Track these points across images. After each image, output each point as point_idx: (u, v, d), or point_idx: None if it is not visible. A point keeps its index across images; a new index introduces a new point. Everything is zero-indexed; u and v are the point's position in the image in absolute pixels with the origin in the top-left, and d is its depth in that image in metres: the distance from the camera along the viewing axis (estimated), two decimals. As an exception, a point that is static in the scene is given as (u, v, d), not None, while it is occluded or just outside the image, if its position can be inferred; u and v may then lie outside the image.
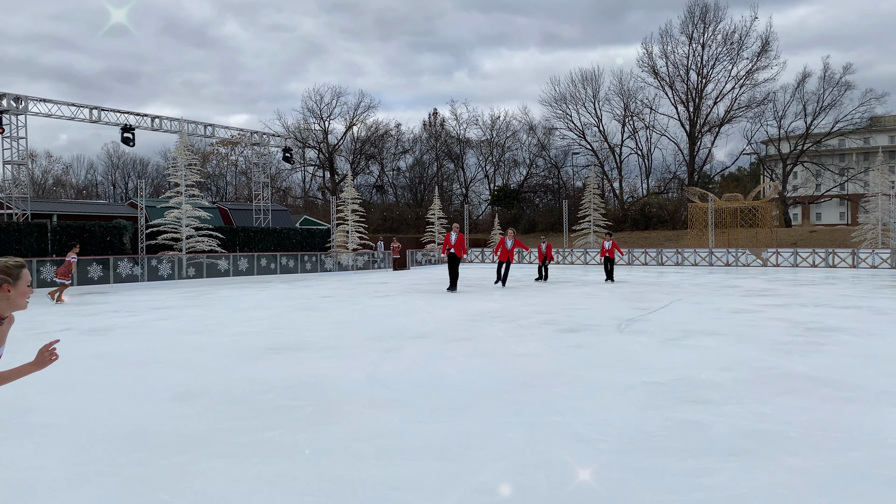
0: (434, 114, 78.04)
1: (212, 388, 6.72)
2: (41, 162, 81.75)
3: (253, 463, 4.48)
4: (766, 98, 64.02)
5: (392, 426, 5.31)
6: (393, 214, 68.62)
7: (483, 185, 77.24)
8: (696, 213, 43.10)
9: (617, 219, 58.10)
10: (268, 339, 10.10)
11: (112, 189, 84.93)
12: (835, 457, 4.49)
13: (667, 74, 65.42)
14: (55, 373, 7.63)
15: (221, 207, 42.18)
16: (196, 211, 28.00)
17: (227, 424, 5.42)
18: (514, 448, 4.75)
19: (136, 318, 13.17)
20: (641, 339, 9.62)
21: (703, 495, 3.86)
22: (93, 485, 4.13)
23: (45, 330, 11.41)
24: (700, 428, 5.18)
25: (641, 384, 6.70)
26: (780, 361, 7.84)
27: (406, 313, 13.31)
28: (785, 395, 6.21)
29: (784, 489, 3.93)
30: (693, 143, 65.45)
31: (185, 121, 32.15)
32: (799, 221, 76.96)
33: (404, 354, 8.56)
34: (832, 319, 11.68)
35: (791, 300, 15.30)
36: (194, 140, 48.11)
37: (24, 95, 27.00)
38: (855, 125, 63.67)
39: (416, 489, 4.01)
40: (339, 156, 75.07)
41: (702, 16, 63.14)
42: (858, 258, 31.89)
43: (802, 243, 45.75)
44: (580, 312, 13.14)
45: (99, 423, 5.47)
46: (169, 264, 24.78)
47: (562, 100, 69.12)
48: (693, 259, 36.17)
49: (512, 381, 6.94)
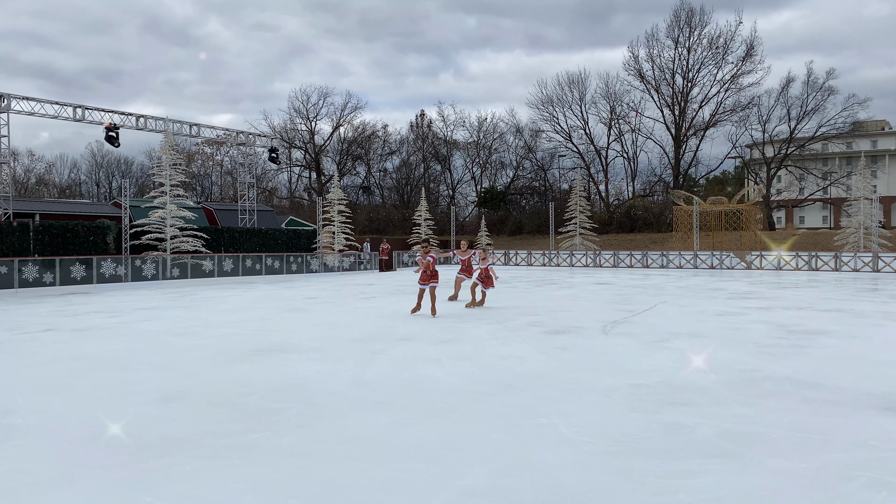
0: (421, 115, 78.02)
1: (196, 390, 6.68)
2: (23, 160, 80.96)
3: (237, 465, 4.45)
4: (751, 102, 64.50)
5: (377, 428, 5.30)
6: (379, 216, 68.49)
7: (470, 186, 77.31)
8: (681, 216, 43.38)
9: (603, 221, 58.29)
10: (253, 340, 10.04)
11: (96, 188, 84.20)
12: (817, 458, 4.53)
13: (653, 78, 65.83)
14: (37, 375, 7.56)
15: (206, 208, 41.91)
16: (181, 211, 27.79)
17: (211, 427, 5.38)
18: (499, 450, 4.75)
19: (119, 318, 13.06)
20: (626, 342, 9.67)
21: (686, 497, 3.88)
22: (75, 487, 4.09)
23: (26, 331, 11.29)
24: (684, 430, 5.21)
25: (626, 386, 6.73)
26: (763, 364, 7.90)
27: (392, 315, 13.29)
28: (768, 397, 6.26)
29: (767, 491, 3.96)
30: (678, 147, 65.85)
31: (171, 120, 31.94)
32: (783, 225, 77.66)
33: (390, 356, 8.55)
34: (815, 322, 11.79)
35: (774, 303, 15.43)
36: (179, 140, 47.82)
37: (7, 93, 26.71)
38: (838, 130, 64.32)
39: (402, 492, 4.01)
40: (325, 156, 74.86)
41: (687, 20, 63.57)
42: (841, 261, 32.22)
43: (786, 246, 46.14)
44: (565, 315, 13.18)
45: (81, 426, 5.42)
46: (153, 265, 24.59)
47: (549, 102, 69.32)
48: (678, 262, 36.39)
49: (497, 383, 6.94)
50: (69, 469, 4.42)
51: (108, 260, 23.30)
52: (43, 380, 7.25)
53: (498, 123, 76.00)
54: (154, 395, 6.45)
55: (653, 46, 66.22)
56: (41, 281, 20.94)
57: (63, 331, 11.30)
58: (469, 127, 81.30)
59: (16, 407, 6.05)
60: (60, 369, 7.83)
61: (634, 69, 66.01)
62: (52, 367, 7.96)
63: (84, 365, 8.08)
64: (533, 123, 71.57)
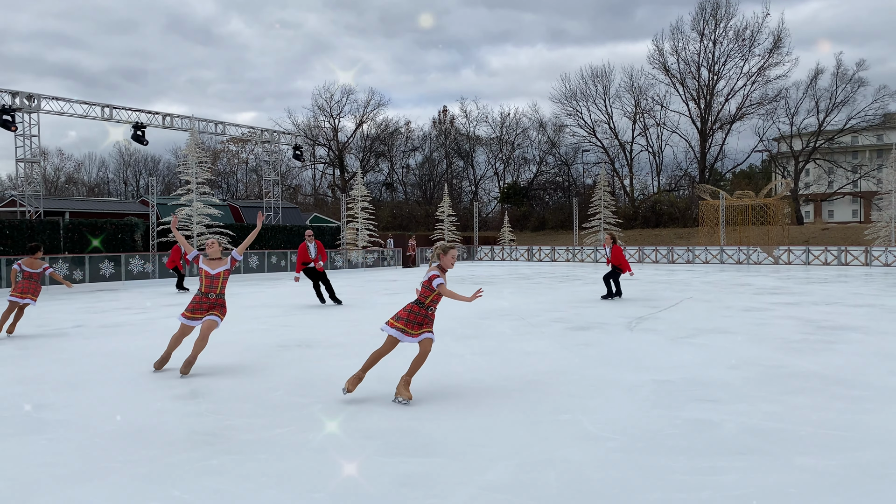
0: (444, 111, 78.04)
1: (221, 386, 6.75)
2: (53, 160, 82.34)
3: (262, 460, 4.49)
4: (779, 95, 63.58)
5: (400, 424, 5.32)
6: (402, 212, 68.68)
7: (493, 182, 77.20)
8: (707, 211, 42.89)
9: (627, 216, 57.86)
10: (277, 336, 10.13)
11: (123, 187, 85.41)
12: (845, 456, 4.46)
13: (678, 71, 65.14)
14: (66, 370, 7.69)
15: (232, 205, 42.32)
16: (207, 208, 28.12)
17: (235, 422, 5.44)
18: (522, 446, 4.74)
19: (146, 315, 13.24)
20: (651, 338, 9.59)
21: (711, 494, 3.84)
22: (102, 481, 4.16)
23: (56, 327, 11.50)
24: (709, 427, 5.16)
25: (650, 382, 6.68)
26: (790, 360, 7.79)
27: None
28: (795, 393, 6.17)
29: (794, 488, 3.91)
30: (704, 141, 65.11)
31: (196, 119, 32.29)
32: (811, 219, 76.44)
33: (413, 352, 8.55)
34: (844, 318, 11.59)
35: (802, 298, 15.20)
36: (205, 138, 48.31)
37: (37, 94, 27.18)
38: (868, 122, 63.14)
39: (425, 486, 4.01)
40: (349, 153, 75.24)
41: (713, 12, 62.80)
42: (871, 256, 31.65)
43: (814, 241, 45.47)
44: (589, 310, 13.10)
45: (109, 421, 5.51)
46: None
47: (572, 97, 68.95)
48: (704, 257, 36.01)
49: (520, 379, 6.93)
50: (97, 463, 4.49)
51: (135, 257, 23.63)
52: (72, 375, 7.37)
53: (521, 119, 75.84)
54: (180, 391, 6.53)
55: (677, 39, 65.68)
56: (70, 278, 21.29)
57: (92, 327, 11.48)
58: (492, 122, 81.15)
59: (45, 402, 6.17)
60: (89, 365, 7.96)
61: (659, 62, 65.47)
62: (81, 363, 8.09)
63: (112, 361, 8.21)
64: (556, 118, 71.29)
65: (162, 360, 7.44)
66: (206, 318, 7.34)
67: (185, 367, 7.12)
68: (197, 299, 7.42)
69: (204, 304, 7.38)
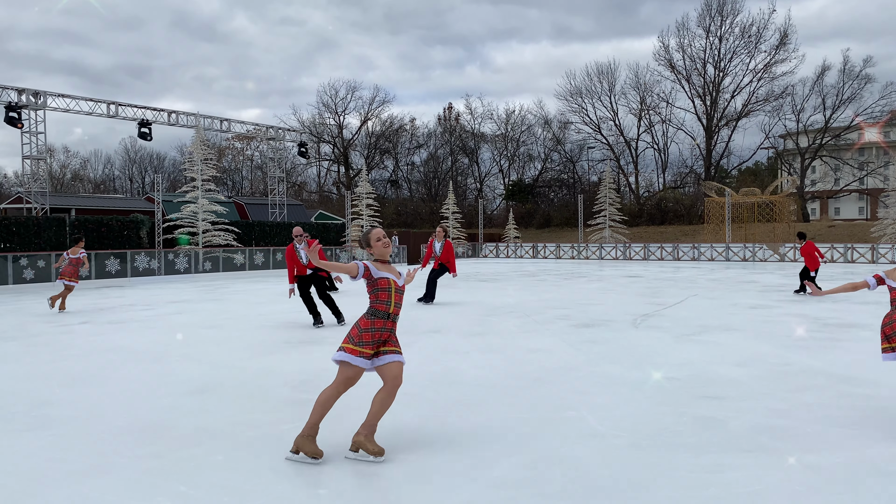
0: (449, 108, 77.94)
1: (227, 382, 6.77)
2: (59, 156, 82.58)
3: (269, 455, 4.50)
4: (785, 91, 63.33)
5: (406, 420, 5.33)
6: (407, 209, 68.68)
7: (497, 179, 77.11)
8: (712, 208, 42.78)
9: (633, 213, 57.76)
10: (283, 332, 10.15)
11: (129, 184, 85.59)
12: (853, 454, 4.45)
13: (684, 68, 64.96)
14: (73, 366, 7.72)
15: (237, 202, 42.40)
16: (212, 205, 28.17)
17: (242, 418, 5.45)
18: (528, 443, 4.75)
19: (152, 311, 13.29)
20: (656, 335, 9.58)
21: (718, 491, 3.83)
22: (110, 476, 4.17)
23: (63, 323, 11.54)
24: (715, 424, 5.15)
25: (656, 380, 6.67)
26: (796, 357, 7.78)
27: (420, 308, 13.32)
28: (801, 391, 6.16)
29: (800, 486, 3.90)
30: (710, 138, 64.93)
31: (201, 115, 32.34)
32: (817, 216, 76.16)
33: (418, 349, 8.57)
34: (850, 315, 11.56)
35: (809, 296, 15.15)
36: (210, 135, 48.37)
37: (43, 91, 27.26)
38: (875, 119, 62.87)
39: (431, 483, 4.02)
40: (353, 150, 75.26)
41: (719, 8, 62.59)
42: (878, 253, 31.53)
43: (821, 238, 45.30)
44: (595, 308, 13.09)
45: (116, 416, 5.53)
46: (185, 258, 24.95)
47: (577, 93, 68.79)
48: (709, 254, 35.93)
49: (526, 376, 6.93)
50: (105, 458, 4.51)
51: (141, 254, 23.70)
52: (79, 371, 7.41)
53: (526, 115, 75.75)
54: (187, 387, 6.55)
55: (683, 36, 65.81)
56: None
57: (98, 323, 11.53)
58: (497, 119, 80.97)
59: (53, 398, 6.20)
60: (96, 361, 7.99)
61: (665, 59, 65.29)
62: (88, 359, 8.13)
63: (119, 357, 8.24)
64: (561, 115, 71.15)
65: (307, 435, 4.44)
66: (389, 359, 4.62)
67: (370, 447, 4.44)
68: (377, 325, 4.56)
69: (384, 332, 4.63)
